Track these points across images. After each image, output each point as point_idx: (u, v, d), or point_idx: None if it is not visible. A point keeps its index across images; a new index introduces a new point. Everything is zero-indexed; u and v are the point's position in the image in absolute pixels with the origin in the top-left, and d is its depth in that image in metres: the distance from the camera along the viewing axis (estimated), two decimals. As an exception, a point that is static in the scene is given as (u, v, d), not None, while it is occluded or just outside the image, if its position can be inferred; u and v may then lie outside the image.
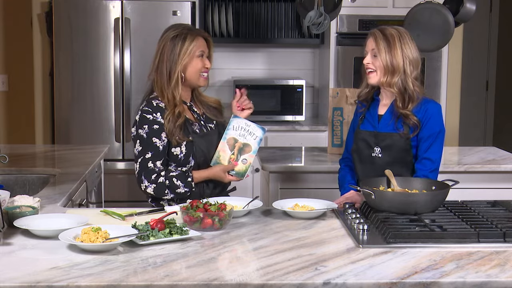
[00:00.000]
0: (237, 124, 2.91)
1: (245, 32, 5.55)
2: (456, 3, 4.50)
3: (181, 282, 1.89)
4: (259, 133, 2.90)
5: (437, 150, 2.87)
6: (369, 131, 2.95)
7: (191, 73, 2.91)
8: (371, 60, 2.86)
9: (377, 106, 2.96)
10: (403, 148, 2.88)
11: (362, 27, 5.23)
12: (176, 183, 2.84)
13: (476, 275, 1.98)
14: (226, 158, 2.90)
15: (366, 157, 2.95)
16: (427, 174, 2.83)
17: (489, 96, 7.43)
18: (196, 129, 2.93)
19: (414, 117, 2.83)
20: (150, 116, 2.85)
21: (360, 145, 2.97)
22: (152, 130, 2.84)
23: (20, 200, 2.50)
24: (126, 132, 5.16)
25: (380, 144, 2.90)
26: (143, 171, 2.84)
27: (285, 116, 5.42)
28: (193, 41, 2.90)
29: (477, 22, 6.63)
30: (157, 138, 2.84)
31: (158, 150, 2.84)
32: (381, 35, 2.84)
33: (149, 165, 2.83)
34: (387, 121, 2.90)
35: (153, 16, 5.14)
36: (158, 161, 2.84)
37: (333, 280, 1.92)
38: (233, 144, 2.90)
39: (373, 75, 2.87)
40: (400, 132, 2.86)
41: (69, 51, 5.15)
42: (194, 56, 2.90)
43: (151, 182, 2.84)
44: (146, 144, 2.84)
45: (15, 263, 2.03)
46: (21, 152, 3.86)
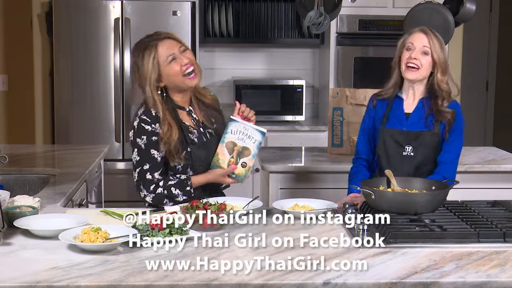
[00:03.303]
0: (235, 128, 2.84)
1: (245, 32, 5.55)
2: (456, 3, 4.49)
3: (181, 282, 1.89)
4: (258, 136, 2.84)
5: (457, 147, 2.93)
6: (398, 130, 2.93)
7: (172, 80, 2.79)
8: (420, 56, 2.87)
9: (401, 104, 2.95)
10: (435, 146, 2.90)
11: (362, 27, 5.23)
12: (175, 193, 2.78)
13: (476, 275, 1.98)
14: (225, 161, 2.84)
15: (395, 156, 2.93)
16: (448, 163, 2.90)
17: (489, 96, 7.43)
18: (194, 138, 2.85)
19: (451, 113, 2.88)
20: (149, 127, 2.77)
21: (389, 144, 2.94)
22: (150, 142, 2.77)
23: (20, 200, 2.50)
24: (126, 132, 5.16)
25: (412, 143, 2.90)
26: (141, 181, 2.79)
27: (285, 116, 5.42)
28: (152, 54, 2.75)
29: (477, 22, 6.63)
30: (155, 150, 2.77)
31: (156, 161, 2.78)
32: (433, 35, 2.89)
33: (147, 176, 2.78)
34: (416, 119, 2.91)
35: (153, 16, 5.14)
36: (156, 172, 2.78)
37: (333, 280, 1.92)
38: (232, 147, 2.84)
39: (416, 71, 2.88)
40: (432, 130, 2.88)
41: (69, 51, 5.15)
42: (163, 65, 2.76)
43: (150, 192, 2.78)
44: (144, 156, 2.77)
45: (15, 263, 2.03)
46: (21, 152, 3.86)
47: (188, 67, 2.78)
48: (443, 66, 2.88)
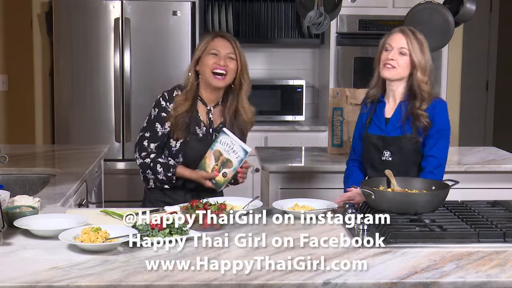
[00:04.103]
0: (224, 139, 2.98)
1: (245, 32, 5.55)
2: (456, 3, 4.50)
3: (181, 282, 1.89)
4: (241, 153, 2.97)
5: (443, 148, 2.88)
6: (377, 135, 2.94)
7: (203, 70, 3.00)
8: (397, 57, 2.86)
9: (383, 108, 2.95)
10: (413, 150, 2.87)
11: (362, 27, 5.23)
12: (158, 170, 3.00)
13: (476, 275, 1.98)
14: (210, 166, 3.00)
15: (376, 161, 2.94)
16: (432, 170, 2.83)
17: (489, 96, 7.43)
18: (198, 132, 3.02)
19: (427, 119, 2.84)
20: (164, 104, 3.01)
21: (370, 150, 2.96)
22: (159, 116, 3.01)
23: (20, 200, 2.50)
24: (126, 132, 5.16)
25: (389, 148, 2.90)
26: (138, 145, 3.05)
27: (285, 116, 5.42)
28: (211, 40, 3.00)
29: (477, 22, 6.63)
30: (159, 124, 3.01)
31: (157, 135, 3.02)
32: (412, 35, 2.85)
33: (144, 143, 3.03)
34: (394, 124, 2.90)
35: (153, 16, 5.14)
36: (153, 143, 3.02)
37: (333, 280, 1.92)
38: (218, 156, 2.99)
39: (392, 70, 2.86)
40: (408, 134, 2.86)
41: (69, 51, 5.15)
42: (207, 52, 2.98)
43: (140, 157, 3.03)
44: (149, 125, 3.03)
45: (15, 263, 2.03)
46: (21, 152, 3.86)
47: (220, 68, 2.97)
48: (422, 66, 2.84)
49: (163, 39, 5.14)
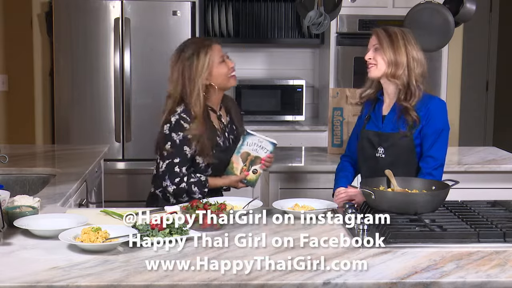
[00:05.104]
0: (250, 141, 3.08)
1: (245, 32, 5.55)
2: (456, 3, 4.49)
3: (181, 282, 1.89)
4: (269, 147, 3.10)
5: (441, 148, 2.87)
6: (373, 131, 2.95)
7: (220, 79, 3.04)
8: (372, 54, 2.87)
9: (381, 106, 2.97)
10: (407, 147, 2.87)
11: (362, 27, 5.23)
12: (194, 190, 2.99)
13: (476, 275, 1.98)
14: (238, 169, 3.08)
15: (370, 157, 2.95)
16: (430, 172, 2.83)
17: (489, 96, 7.43)
18: (220, 142, 3.08)
19: (414, 113, 2.84)
20: (187, 126, 2.97)
21: (365, 145, 2.97)
22: (185, 138, 2.98)
23: (20, 200, 2.50)
24: (126, 132, 5.16)
25: (383, 144, 2.91)
26: (169, 172, 2.98)
27: (285, 116, 5.42)
28: (208, 53, 3.01)
29: (477, 22, 6.63)
30: (187, 147, 2.99)
31: (186, 157, 2.99)
32: (384, 33, 2.87)
33: (176, 169, 2.98)
34: (390, 120, 2.91)
35: (153, 16, 5.14)
36: (184, 167, 2.99)
37: (333, 280, 1.92)
38: (246, 157, 3.08)
39: (374, 68, 2.88)
40: (402, 131, 2.86)
41: (69, 51, 5.15)
42: (215, 64, 3.02)
43: (173, 184, 2.98)
44: (177, 150, 2.98)
45: (15, 263, 2.03)
46: (21, 152, 3.86)
47: (234, 70, 3.10)
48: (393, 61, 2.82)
49: (163, 39, 5.13)
